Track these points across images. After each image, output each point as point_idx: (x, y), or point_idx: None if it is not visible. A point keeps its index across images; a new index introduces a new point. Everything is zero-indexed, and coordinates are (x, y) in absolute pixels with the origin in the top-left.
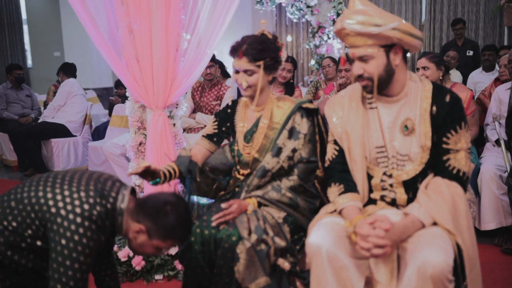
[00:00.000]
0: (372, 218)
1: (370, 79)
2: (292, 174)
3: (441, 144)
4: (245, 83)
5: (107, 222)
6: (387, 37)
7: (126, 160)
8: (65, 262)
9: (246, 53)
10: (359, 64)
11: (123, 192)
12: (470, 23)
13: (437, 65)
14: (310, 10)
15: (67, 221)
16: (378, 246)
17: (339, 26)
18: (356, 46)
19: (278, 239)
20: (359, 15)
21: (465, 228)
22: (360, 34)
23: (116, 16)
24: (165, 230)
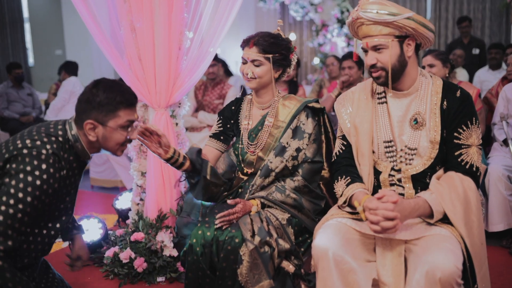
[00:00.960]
0: (380, 193)
1: (384, 69)
2: (296, 174)
3: (453, 140)
4: (251, 73)
5: (65, 155)
6: (402, 26)
7: (127, 160)
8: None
9: (257, 43)
10: (373, 54)
11: (68, 121)
12: (476, 21)
13: (443, 63)
14: (314, 8)
15: (21, 164)
16: (387, 219)
17: (355, 16)
18: (370, 36)
19: (282, 241)
20: (375, 5)
21: (475, 224)
22: (375, 22)
23: (118, 14)
24: (106, 105)
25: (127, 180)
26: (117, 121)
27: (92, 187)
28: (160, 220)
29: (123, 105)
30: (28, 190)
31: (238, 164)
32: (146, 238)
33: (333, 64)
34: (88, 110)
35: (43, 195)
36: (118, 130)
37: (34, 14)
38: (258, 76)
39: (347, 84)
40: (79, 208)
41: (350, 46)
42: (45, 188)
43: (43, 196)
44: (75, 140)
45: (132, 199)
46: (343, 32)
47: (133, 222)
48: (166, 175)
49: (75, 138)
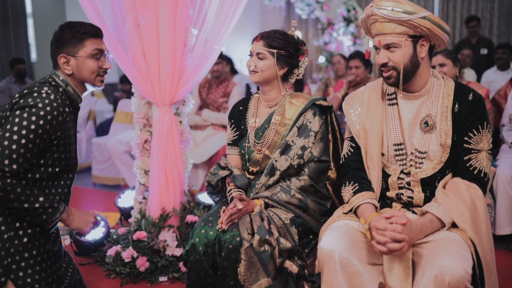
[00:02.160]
0: (389, 213)
1: (395, 69)
2: (302, 173)
3: (463, 144)
4: (253, 65)
5: (63, 96)
6: (417, 25)
7: (130, 158)
8: (12, 128)
9: (264, 37)
10: (385, 52)
11: (52, 72)
12: (484, 20)
13: (453, 62)
14: (320, 6)
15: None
16: (395, 241)
17: (369, 12)
18: (383, 34)
19: (284, 240)
20: (390, 2)
21: (484, 232)
22: (390, 20)
23: (122, 10)
24: (73, 38)
25: (130, 177)
26: (85, 50)
27: (94, 185)
28: (163, 219)
29: (88, 35)
30: (32, 119)
31: (244, 164)
32: (149, 237)
33: (339, 62)
34: (59, 48)
35: (48, 125)
36: (89, 58)
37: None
38: (260, 69)
39: (353, 84)
40: (81, 206)
41: (356, 45)
42: (49, 119)
43: (48, 126)
44: (66, 85)
45: (135, 197)
46: (349, 31)
47: (136, 220)
48: (169, 174)
49: (65, 83)
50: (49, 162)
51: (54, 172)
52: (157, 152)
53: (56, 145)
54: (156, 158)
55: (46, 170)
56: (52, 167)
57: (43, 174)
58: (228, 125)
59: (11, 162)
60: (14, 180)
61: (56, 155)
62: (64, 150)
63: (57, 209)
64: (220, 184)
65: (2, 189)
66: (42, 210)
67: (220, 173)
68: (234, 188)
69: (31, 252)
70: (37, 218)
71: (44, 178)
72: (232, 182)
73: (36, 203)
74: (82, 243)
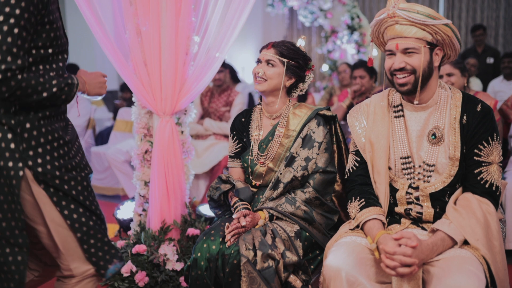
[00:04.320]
0: (398, 234)
1: (414, 73)
2: (307, 185)
3: (473, 157)
4: (262, 72)
5: None
6: (437, 32)
7: (130, 167)
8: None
9: (275, 45)
10: (402, 57)
11: None
12: (489, 29)
13: (461, 72)
14: (323, 13)
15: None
16: (404, 265)
17: (391, 13)
18: (402, 37)
19: (290, 254)
20: (411, 4)
21: (498, 250)
22: (413, 23)
23: (123, 17)
24: None
25: (129, 188)
26: None
27: None
28: (163, 232)
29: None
30: (12, 3)
31: (246, 177)
32: (148, 250)
33: (345, 71)
34: None
35: (31, 6)
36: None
37: None
38: (268, 77)
39: (358, 94)
40: None
41: (360, 53)
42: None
43: (31, 7)
44: None
45: (134, 209)
46: (353, 39)
47: (135, 233)
48: (170, 185)
49: None
50: (39, 44)
51: (47, 54)
52: (158, 163)
53: (41, 24)
54: (156, 169)
55: (38, 52)
56: (44, 49)
57: (36, 57)
58: (230, 137)
59: (14, 58)
60: (25, 74)
61: (45, 34)
62: (51, 28)
63: (72, 85)
64: (222, 198)
65: (18, 87)
66: (60, 92)
67: (222, 187)
68: (238, 201)
69: (46, 137)
70: (58, 101)
71: (38, 61)
72: (235, 196)
73: (53, 88)
74: None
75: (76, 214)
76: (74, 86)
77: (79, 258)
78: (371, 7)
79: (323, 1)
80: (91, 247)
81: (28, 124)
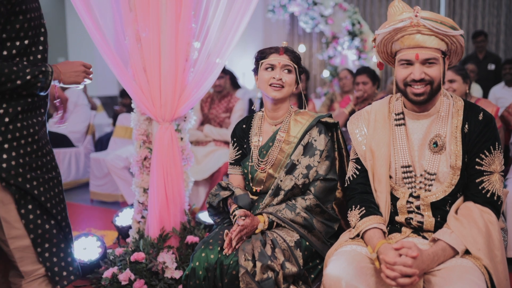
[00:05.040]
0: (399, 244)
1: (431, 84)
2: (308, 193)
3: (474, 166)
4: (284, 78)
5: None
6: (454, 42)
7: (129, 174)
8: None
9: (287, 51)
10: (421, 67)
11: None
12: (490, 35)
13: (463, 78)
14: (324, 19)
15: None
16: (405, 275)
17: (415, 22)
18: (423, 47)
19: (289, 264)
20: (432, 14)
21: (499, 260)
22: (435, 33)
23: (123, 23)
24: None
25: (128, 194)
26: None
27: (92, 201)
28: (162, 240)
29: None
30: None
31: (247, 184)
32: (147, 258)
33: (346, 77)
34: None
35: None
36: None
37: None
38: (286, 84)
39: (361, 100)
40: (78, 224)
41: (361, 59)
42: None
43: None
44: None
45: (133, 216)
46: (354, 45)
47: (134, 241)
48: (169, 192)
49: None
50: (13, 35)
51: (23, 46)
52: (157, 170)
53: (14, 14)
54: (155, 176)
55: (13, 44)
56: (20, 40)
57: (11, 50)
58: (231, 144)
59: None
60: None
61: (18, 25)
62: (25, 18)
63: (46, 72)
64: (221, 205)
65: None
66: (35, 80)
67: (222, 194)
68: (237, 208)
69: (14, 133)
70: (33, 89)
71: (14, 55)
72: (234, 202)
73: (27, 76)
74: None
75: (33, 215)
76: (48, 74)
77: (31, 259)
78: (372, 13)
79: (324, 7)
80: (45, 251)
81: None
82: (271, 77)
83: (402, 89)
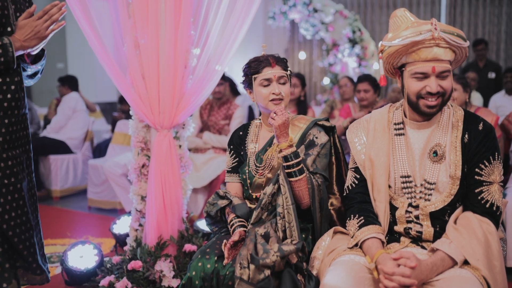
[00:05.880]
0: (397, 254)
1: (443, 96)
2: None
3: (474, 176)
4: (282, 89)
5: None
6: (462, 53)
7: (127, 181)
8: None
9: (277, 61)
10: (436, 80)
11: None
12: (491, 44)
13: (464, 87)
14: (325, 27)
15: None
16: (403, 286)
17: (436, 35)
18: (439, 60)
19: (286, 246)
20: (447, 27)
21: (498, 270)
22: (451, 46)
23: (122, 29)
24: None
25: (126, 202)
26: None
27: (89, 208)
28: (159, 248)
29: None
30: None
31: (245, 190)
32: (144, 267)
33: (346, 85)
34: None
35: None
36: None
37: None
38: (286, 95)
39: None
40: (75, 231)
41: (362, 66)
42: None
43: None
44: None
45: (131, 224)
46: (355, 52)
47: (131, 249)
48: (167, 200)
49: None
50: None
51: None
52: (155, 178)
53: None
54: (153, 183)
55: None
56: None
57: None
58: (228, 151)
59: None
60: None
61: None
62: None
63: (4, 45)
64: (219, 214)
65: None
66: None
67: (219, 203)
68: (235, 217)
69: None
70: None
71: None
72: (232, 212)
73: None
74: (74, 272)
75: None
76: (7, 45)
77: None
78: (372, 21)
79: (325, 14)
80: None
81: None
82: (270, 92)
83: (414, 101)
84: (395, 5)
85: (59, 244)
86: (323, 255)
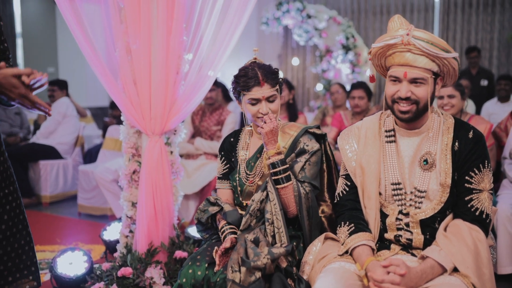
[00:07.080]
0: (387, 261)
1: (417, 104)
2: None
3: (464, 184)
4: (270, 107)
5: None
6: (446, 64)
7: (118, 187)
8: None
9: (266, 79)
10: (408, 86)
11: None
12: (483, 51)
13: (461, 95)
14: (318, 33)
15: None
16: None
17: (405, 40)
18: (412, 66)
19: (276, 249)
20: (426, 34)
21: (488, 278)
22: (425, 53)
23: (113, 34)
24: None
25: (117, 208)
26: None
27: (80, 215)
28: (150, 255)
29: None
30: None
31: (236, 197)
32: (134, 273)
33: (338, 92)
34: None
35: None
36: None
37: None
38: (274, 111)
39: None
40: (65, 237)
41: (355, 73)
42: None
43: None
44: None
45: (121, 230)
46: (348, 59)
47: (121, 255)
48: (158, 206)
49: None
50: None
51: None
52: (146, 184)
53: None
54: (144, 189)
55: None
56: None
57: None
58: (218, 157)
59: None
60: None
61: None
62: None
63: None
64: (210, 221)
65: None
66: None
67: (210, 210)
68: (226, 224)
69: None
70: None
71: None
72: (223, 218)
73: None
74: (63, 279)
75: None
76: None
77: None
78: (366, 27)
79: (318, 20)
80: None
81: None
82: (258, 111)
83: (390, 105)
84: (389, 11)
85: (48, 250)
86: (314, 261)
